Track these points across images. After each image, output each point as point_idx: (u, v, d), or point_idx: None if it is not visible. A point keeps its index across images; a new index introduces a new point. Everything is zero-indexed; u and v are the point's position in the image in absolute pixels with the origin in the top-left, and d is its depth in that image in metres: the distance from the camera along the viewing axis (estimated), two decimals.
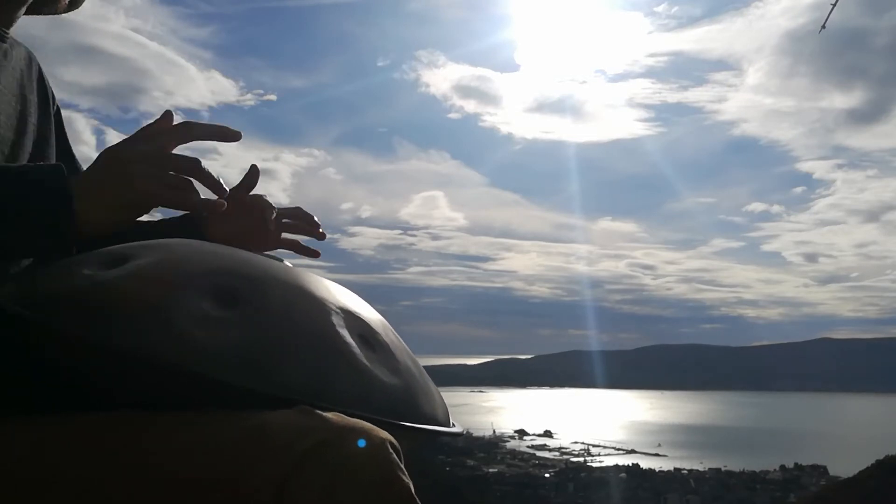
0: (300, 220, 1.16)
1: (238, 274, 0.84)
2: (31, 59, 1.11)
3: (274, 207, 1.12)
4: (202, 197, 0.88)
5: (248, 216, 1.11)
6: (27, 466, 0.72)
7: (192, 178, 0.87)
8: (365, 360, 0.81)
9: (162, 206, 0.86)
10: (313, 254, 1.20)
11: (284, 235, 1.18)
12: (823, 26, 2.85)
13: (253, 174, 1.11)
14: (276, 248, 1.17)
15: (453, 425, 0.92)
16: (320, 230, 1.17)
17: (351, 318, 0.85)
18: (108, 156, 0.85)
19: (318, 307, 0.83)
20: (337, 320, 0.83)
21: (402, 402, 0.82)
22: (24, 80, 1.07)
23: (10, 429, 0.75)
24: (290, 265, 0.93)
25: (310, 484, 0.66)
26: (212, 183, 0.88)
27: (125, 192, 0.83)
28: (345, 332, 0.82)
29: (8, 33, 1.05)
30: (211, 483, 0.68)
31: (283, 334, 0.78)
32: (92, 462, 0.71)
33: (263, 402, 0.71)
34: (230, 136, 0.91)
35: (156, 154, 0.84)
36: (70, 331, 0.75)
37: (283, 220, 1.16)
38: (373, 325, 0.88)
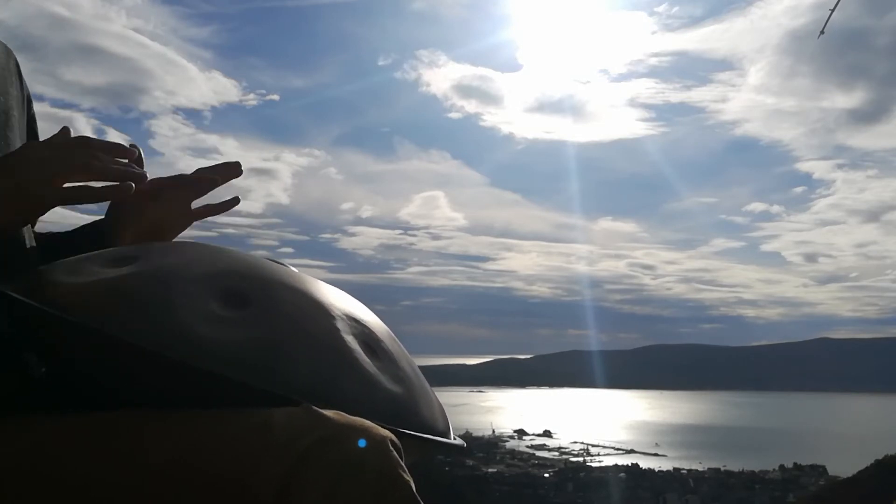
0: (202, 182, 1.04)
1: (247, 276, 0.85)
2: (9, 55, 1.08)
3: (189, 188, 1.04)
4: (103, 185, 0.85)
5: (160, 208, 1.06)
6: (31, 466, 0.72)
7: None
8: (369, 368, 0.82)
9: (60, 205, 0.84)
10: (230, 204, 1.09)
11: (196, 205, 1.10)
12: (822, 32, 2.87)
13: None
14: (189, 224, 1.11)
15: (455, 438, 0.93)
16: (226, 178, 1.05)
17: (356, 325, 0.87)
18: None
19: (325, 313, 0.85)
20: (343, 326, 0.84)
21: (405, 411, 0.83)
22: (4, 73, 1.04)
23: (13, 427, 0.75)
24: (297, 270, 0.94)
25: (313, 481, 0.67)
26: (108, 170, 0.85)
27: (14, 200, 0.81)
28: (350, 339, 0.83)
29: None
30: (216, 479, 0.68)
31: (290, 337, 0.79)
32: (96, 460, 0.71)
33: (269, 403, 0.72)
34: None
35: (49, 152, 0.83)
36: (80, 323, 0.75)
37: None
38: (377, 333, 0.89)
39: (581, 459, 78.76)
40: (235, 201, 1.08)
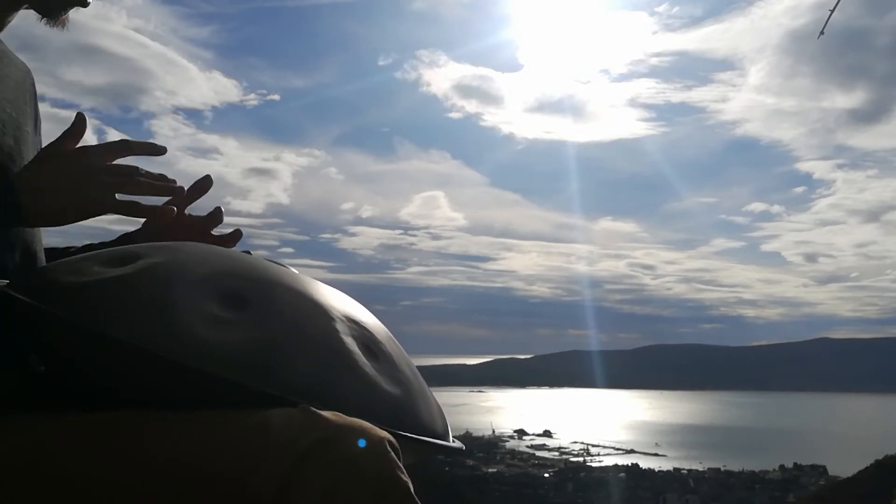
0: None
1: (247, 277, 0.85)
2: (27, 74, 1.10)
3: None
4: (151, 205, 0.93)
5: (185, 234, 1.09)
6: (31, 464, 0.72)
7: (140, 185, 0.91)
8: (368, 369, 0.82)
9: (114, 213, 0.91)
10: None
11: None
12: (822, 32, 2.87)
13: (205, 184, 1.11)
14: None
15: (453, 441, 0.93)
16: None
17: (355, 326, 0.87)
18: (64, 164, 0.88)
19: (324, 314, 0.85)
20: (342, 328, 0.84)
21: (403, 413, 0.83)
22: (19, 90, 1.06)
23: (13, 426, 0.75)
24: (296, 271, 0.95)
25: (312, 481, 0.67)
26: (151, 186, 0.92)
27: (81, 201, 0.88)
28: (349, 341, 0.83)
29: None
30: (215, 479, 0.69)
31: (289, 338, 0.79)
32: (96, 459, 0.71)
33: (267, 404, 0.72)
34: (158, 150, 0.94)
35: (107, 167, 0.89)
36: (79, 322, 0.75)
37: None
38: (376, 334, 0.90)
39: (581, 459, 78.74)
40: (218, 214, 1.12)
